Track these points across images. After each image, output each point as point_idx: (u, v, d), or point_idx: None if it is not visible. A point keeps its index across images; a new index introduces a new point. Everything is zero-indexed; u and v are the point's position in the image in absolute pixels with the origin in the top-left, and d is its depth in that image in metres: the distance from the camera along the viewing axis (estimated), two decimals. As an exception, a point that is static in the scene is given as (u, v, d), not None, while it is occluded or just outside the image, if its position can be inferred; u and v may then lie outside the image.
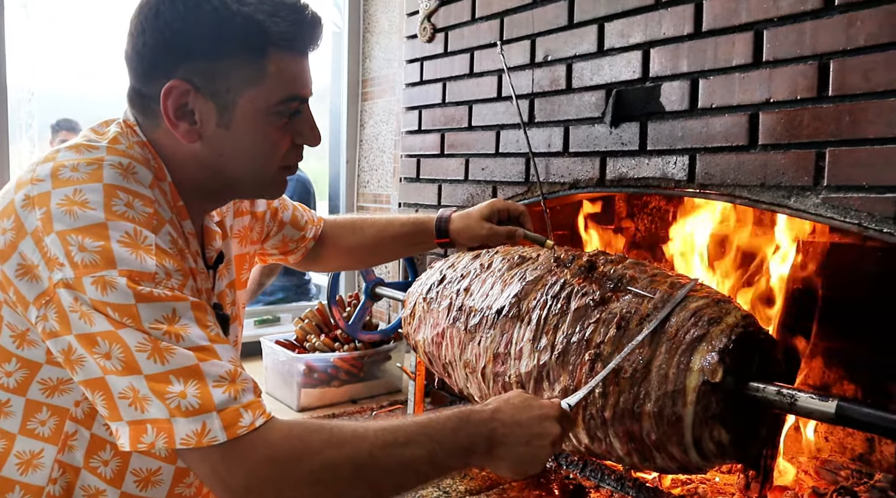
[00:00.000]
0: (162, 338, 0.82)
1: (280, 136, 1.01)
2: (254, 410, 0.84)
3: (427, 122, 2.12)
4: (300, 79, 1.00)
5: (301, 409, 2.31)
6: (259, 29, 0.94)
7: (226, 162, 1.00)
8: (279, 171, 1.05)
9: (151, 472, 0.99)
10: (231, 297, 1.19)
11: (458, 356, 1.59)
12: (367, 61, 3.32)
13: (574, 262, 1.40)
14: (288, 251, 1.46)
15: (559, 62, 1.67)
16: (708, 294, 1.30)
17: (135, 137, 0.98)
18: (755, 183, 1.27)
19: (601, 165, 1.57)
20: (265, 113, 0.98)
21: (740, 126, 1.30)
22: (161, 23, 0.92)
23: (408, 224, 1.49)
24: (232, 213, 1.26)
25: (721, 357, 1.17)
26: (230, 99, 0.95)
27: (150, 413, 0.81)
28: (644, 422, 1.23)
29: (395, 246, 1.51)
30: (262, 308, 3.26)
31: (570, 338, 1.34)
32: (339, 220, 1.54)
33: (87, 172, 0.88)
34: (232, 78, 0.95)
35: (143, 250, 0.85)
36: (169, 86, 0.93)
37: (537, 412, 1.01)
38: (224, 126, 0.97)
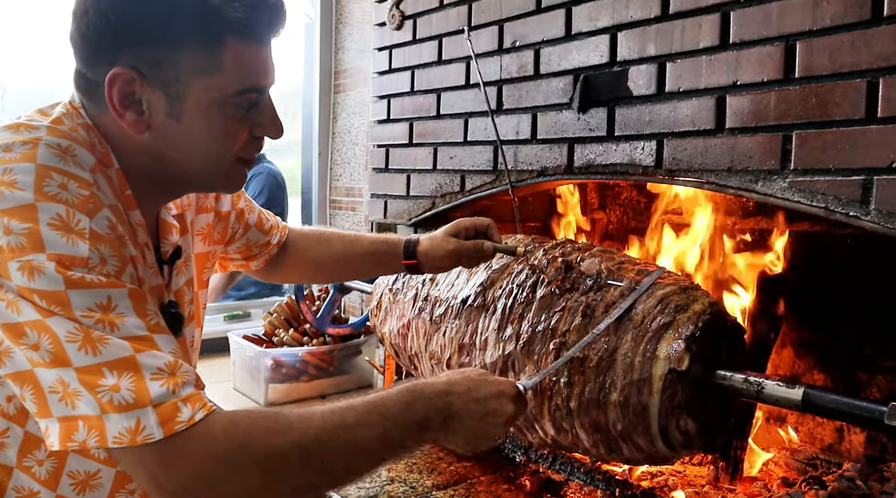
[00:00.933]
0: (94, 327, 0.77)
1: (237, 128, 0.95)
2: (193, 404, 0.79)
3: (396, 111, 2.07)
4: (259, 68, 0.94)
5: (269, 404, 2.26)
6: (214, 15, 0.87)
7: (177, 154, 0.94)
8: (235, 163, 0.99)
9: (89, 474, 0.93)
10: (189, 295, 1.13)
11: (424, 348, 1.55)
12: (340, 53, 3.27)
13: (550, 265, 1.36)
14: (251, 256, 1.39)
15: (527, 48, 1.64)
16: (675, 281, 1.27)
17: (80, 119, 0.92)
18: (722, 168, 1.25)
19: (569, 152, 1.54)
20: (220, 104, 0.91)
21: (707, 110, 1.27)
22: (105, 4, 0.86)
23: (376, 242, 1.41)
24: (194, 208, 1.19)
25: (687, 345, 1.15)
26: (181, 89, 0.89)
27: (80, 409, 0.76)
28: (610, 412, 1.20)
29: (361, 263, 1.42)
30: (233, 303, 3.19)
31: (535, 327, 1.31)
32: (306, 231, 1.47)
33: (21, 152, 0.83)
34: (183, 67, 0.88)
35: (75, 234, 0.80)
36: (114, 73, 0.86)
37: (494, 389, 0.98)
38: (174, 117, 0.91)
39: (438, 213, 1.92)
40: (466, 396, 0.95)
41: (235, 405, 2.30)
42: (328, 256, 1.43)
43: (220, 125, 0.93)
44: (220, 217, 1.27)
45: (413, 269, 1.37)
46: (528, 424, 1.35)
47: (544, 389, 1.27)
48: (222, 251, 1.34)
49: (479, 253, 1.32)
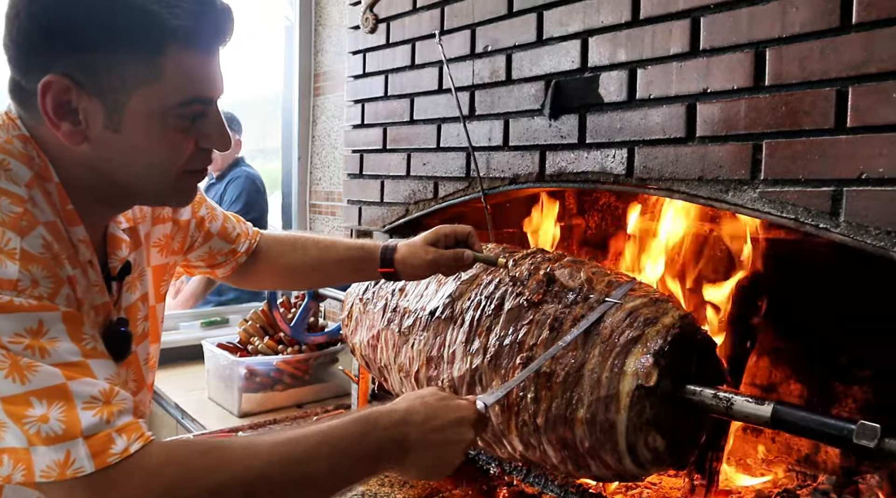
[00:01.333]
0: (23, 353, 0.73)
1: (181, 140, 0.91)
2: (129, 434, 0.75)
3: (370, 115, 2.04)
4: (204, 78, 0.90)
5: (242, 414, 2.22)
6: (154, 21, 0.83)
7: (118, 167, 0.90)
8: (183, 176, 0.95)
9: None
10: (144, 311, 1.09)
11: (393, 360, 1.52)
12: (319, 55, 3.23)
13: (531, 278, 1.32)
14: (215, 264, 1.35)
15: (499, 52, 1.61)
16: (646, 293, 1.24)
17: (16, 131, 0.88)
18: (693, 177, 1.22)
19: (541, 160, 1.51)
20: (161, 115, 0.88)
21: (678, 118, 1.24)
22: (37, 8, 0.82)
23: (353, 248, 1.37)
24: (150, 219, 1.15)
25: (656, 360, 1.12)
26: (119, 98, 0.85)
27: (6, 441, 0.72)
28: (577, 429, 1.17)
29: (336, 270, 1.38)
30: (211, 309, 3.15)
31: (502, 340, 1.27)
32: (280, 236, 1.43)
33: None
34: (121, 75, 0.84)
35: (4, 255, 0.76)
36: (47, 81, 0.82)
37: (453, 415, 0.93)
38: (113, 128, 0.87)
39: (412, 220, 1.89)
40: (424, 425, 0.91)
41: (211, 415, 2.26)
42: (303, 263, 1.39)
43: (163, 137, 0.89)
44: (179, 226, 1.23)
45: (390, 276, 1.33)
46: (496, 438, 1.32)
47: (511, 404, 1.24)
48: (182, 260, 1.30)
49: (458, 262, 1.28)
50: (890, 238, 0.97)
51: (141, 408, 1.07)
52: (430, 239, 1.30)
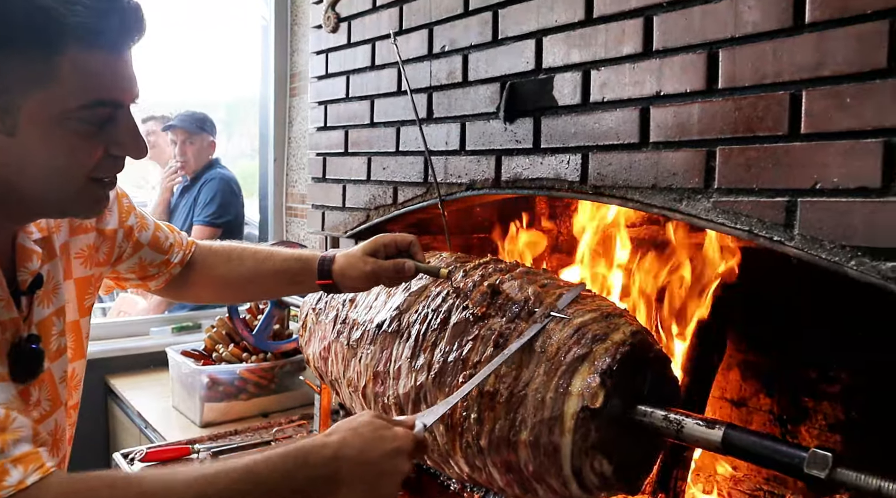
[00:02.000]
0: None
1: (86, 146, 0.86)
2: (25, 465, 0.71)
3: (332, 117, 1.97)
4: (109, 80, 0.85)
5: (204, 424, 2.15)
6: (49, 19, 0.78)
7: (13, 174, 0.85)
8: (89, 184, 0.89)
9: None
10: (59, 326, 1.03)
11: (342, 373, 1.45)
12: (295, 55, 3.16)
13: (475, 289, 1.25)
14: (147, 276, 1.29)
15: (456, 53, 1.54)
16: (598, 307, 1.18)
17: None
18: (647, 185, 1.16)
19: (497, 165, 1.44)
20: (60, 119, 0.83)
21: (631, 122, 1.18)
22: None
23: (289, 259, 1.30)
24: (66, 229, 1.08)
25: (603, 379, 1.05)
26: (13, 100, 0.80)
27: None
28: (521, 452, 1.10)
29: (273, 283, 1.32)
30: (183, 314, 3.08)
31: (447, 356, 1.21)
32: (216, 247, 1.37)
33: None
34: (13, 76, 0.79)
35: None
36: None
37: (389, 446, 0.87)
38: (6, 132, 0.82)
39: (373, 226, 1.82)
40: (357, 459, 0.85)
41: (174, 424, 2.20)
42: (238, 274, 1.33)
43: (63, 142, 0.84)
44: (105, 236, 1.17)
45: (329, 288, 1.27)
46: (443, 458, 1.25)
47: (455, 424, 1.18)
48: (110, 271, 1.23)
49: (399, 274, 1.21)
50: (844, 252, 0.90)
51: (56, 430, 1.03)
52: (370, 249, 1.24)
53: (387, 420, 0.91)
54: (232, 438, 2.00)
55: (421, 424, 0.95)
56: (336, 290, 1.27)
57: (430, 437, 1.23)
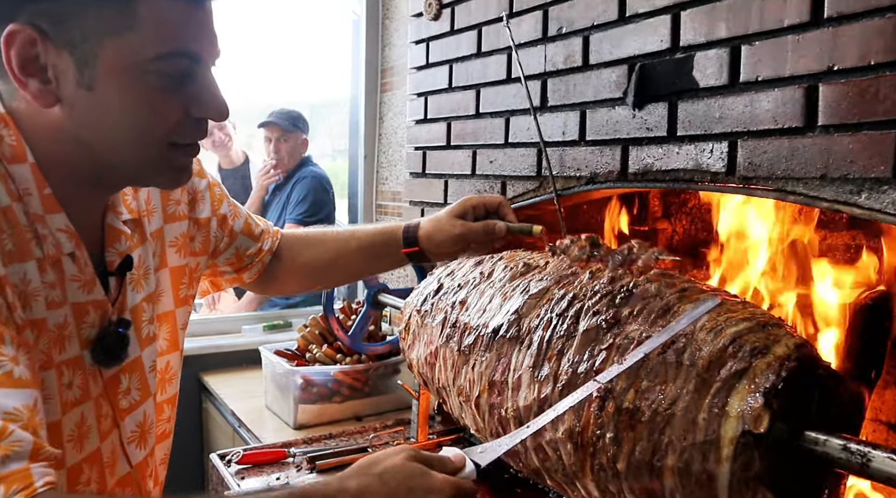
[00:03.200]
0: None
1: (164, 102, 0.81)
2: (9, 485, 0.64)
3: (433, 109, 1.88)
4: (188, 30, 0.80)
5: (298, 426, 2.11)
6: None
7: (93, 133, 0.81)
8: (170, 149, 0.85)
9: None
10: (150, 313, 1.00)
11: (452, 381, 1.35)
12: (387, 49, 3.10)
13: (573, 245, 1.13)
14: (243, 267, 1.25)
15: (575, 34, 1.41)
16: (752, 315, 1.03)
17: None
18: (813, 175, 1.00)
19: (623, 156, 1.31)
20: (138, 70, 0.78)
21: (794, 103, 1.02)
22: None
23: (373, 234, 1.26)
24: (160, 216, 1.05)
25: (767, 400, 0.90)
26: (89, 49, 0.76)
27: None
28: (666, 479, 0.97)
29: (358, 261, 1.28)
30: (275, 312, 3.08)
31: (576, 367, 1.09)
32: (299, 234, 1.33)
33: None
34: (90, 22, 0.75)
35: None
36: (10, 31, 0.74)
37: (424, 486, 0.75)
38: (85, 86, 0.78)
39: (477, 223, 1.71)
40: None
41: (268, 425, 2.16)
42: (321, 259, 1.29)
43: (141, 96, 0.79)
44: (199, 225, 1.12)
45: (416, 256, 1.23)
46: (568, 480, 1.13)
47: (586, 443, 1.05)
48: (208, 264, 1.19)
49: (489, 235, 1.18)
50: None
51: (144, 422, 1.00)
52: (457, 211, 1.20)
53: (425, 461, 0.79)
54: (327, 442, 1.94)
55: (472, 466, 0.81)
56: (423, 257, 1.23)
57: (555, 456, 1.11)
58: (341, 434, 2.01)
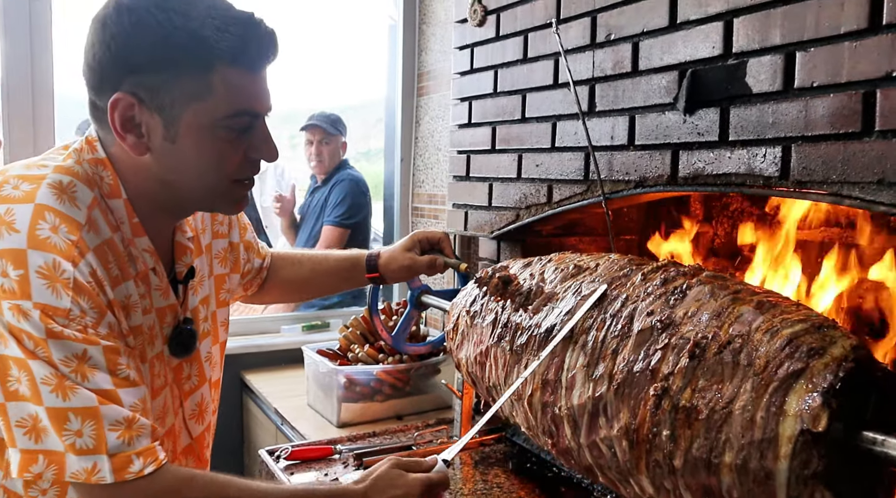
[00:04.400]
0: (69, 375, 0.86)
1: (230, 150, 1.01)
2: (145, 458, 0.90)
3: (477, 114, 1.92)
4: (250, 94, 1.00)
5: (341, 424, 2.15)
6: (203, 44, 0.94)
7: (175, 176, 1.01)
8: (231, 185, 1.05)
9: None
10: (205, 312, 1.20)
11: (504, 380, 1.38)
12: (423, 54, 3.14)
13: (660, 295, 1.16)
14: (249, 284, 1.46)
15: (624, 41, 1.44)
16: (806, 317, 1.05)
17: (92, 154, 1.00)
18: (870, 179, 1.02)
19: (673, 160, 1.33)
20: (211, 127, 0.98)
21: (850, 108, 1.04)
22: (107, 36, 0.93)
23: (341, 259, 1.51)
24: (210, 233, 1.27)
25: (825, 399, 0.92)
26: (175, 113, 0.96)
27: (45, 444, 0.86)
28: (723, 476, 0.99)
29: (329, 280, 1.52)
30: (313, 313, 3.13)
31: (631, 366, 1.11)
32: (282, 253, 1.55)
33: (24, 192, 0.91)
34: (176, 92, 0.95)
35: (60, 284, 0.87)
36: (115, 98, 0.94)
37: (400, 492, 1.05)
38: (170, 140, 0.98)
39: (523, 226, 1.75)
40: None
41: (310, 423, 2.21)
42: (298, 276, 1.51)
43: (212, 146, 0.99)
44: (232, 246, 1.35)
45: (376, 281, 1.48)
46: (622, 477, 1.16)
47: (642, 439, 1.08)
48: (240, 282, 1.39)
49: (431, 268, 1.43)
50: None
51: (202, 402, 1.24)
52: (407, 245, 1.46)
53: (404, 466, 1.10)
54: (371, 440, 1.98)
55: (440, 461, 1.11)
56: (382, 281, 1.49)
57: (609, 453, 1.14)
58: (384, 432, 2.05)
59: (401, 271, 1.45)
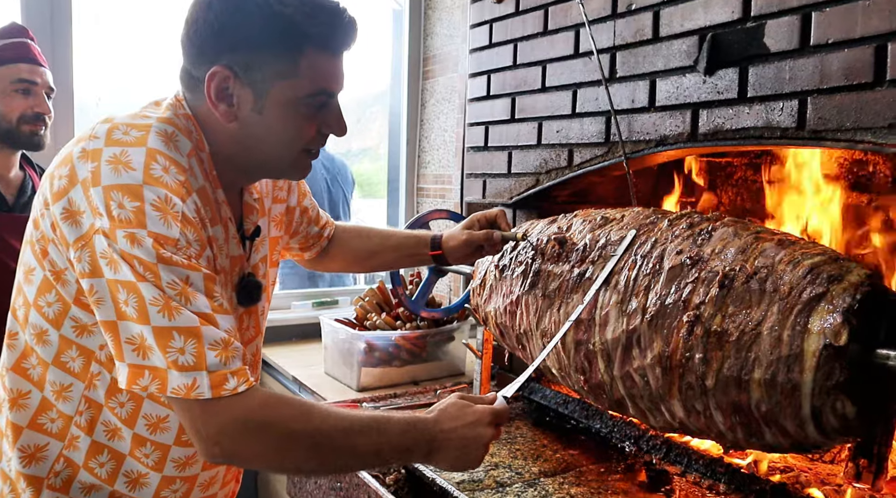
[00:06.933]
0: (174, 297, 0.92)
1: (307, 125, 1.09)
2: (239, 377, 0.95)
3: (496, 86, 2.01)
4: (331, 76, 1.09)
5: (361, 388, 2.23)
6: (297, 29, 1.02)
7: (256, 142, 1.09)
8: (302, 154, 1.13)
9: (160, 418, 1.08)
10: (263, 270, 1.26)
11: (535, 325, 1.47)
12: (429, 39, 3.23)
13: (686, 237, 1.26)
14: (307, 247, 1.54)
15: (645, 10, 1.54)
16: (824, 251, 1.15)
17: (182, 110, 1.08)
18: (882, 124, 1.12)
19: (693, 118, 1.43)
20: (295, 103, 1.06)
21: (863, 61, 1.15)
22: (211, 15, 1.02)
23: (408, 236, 1.60)
24: (271, 197, 1.33)
25: (846, 317, 1.03)
26: (265, 88, 1.05)
27: (150, 361, 0.92)
28: (753, 391, 1.09)
29: (394, 255, 1.60)
30: (322, 290, 3.20)
31: (664, 299, 1.21)
32: (349, 226, 1.64)
33: (136, 137, 0.99)
34: (268, 70, 1.04)
35: (171, 216, 0.95)
36: (213, 71, 1.03)
37: (469, 419, 1.09)
38: (257, 111, 1.06)
39: (542, 190, 1.84)
40: (448, 431, 1.08)
41: (329, 388, 2.28)
42: (366, 249, 1.60)
43: (293, 120, 1.08)
44: (289, 210, 1.43)
45: (438, 258, 1.54)
46: (653, 405, 1.25)
47: (675, 365, 1.18)
48: (287, 241, 1.47)
49: (488, 240, 1.48)
50: None
51: (256, 353, 1.31)
52: (467, 224, 1.52)
53: (470, 399, 1.14)
54: (393, 401, 2.06)
55: (501, 397, 1.16)
56: (444, 260, 1.54)
57: (642, 382, 1.23)
58: (404, 394, 2.13)
59: (460, 247, 1.50)
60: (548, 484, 1.50)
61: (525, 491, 1.46)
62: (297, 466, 1.09)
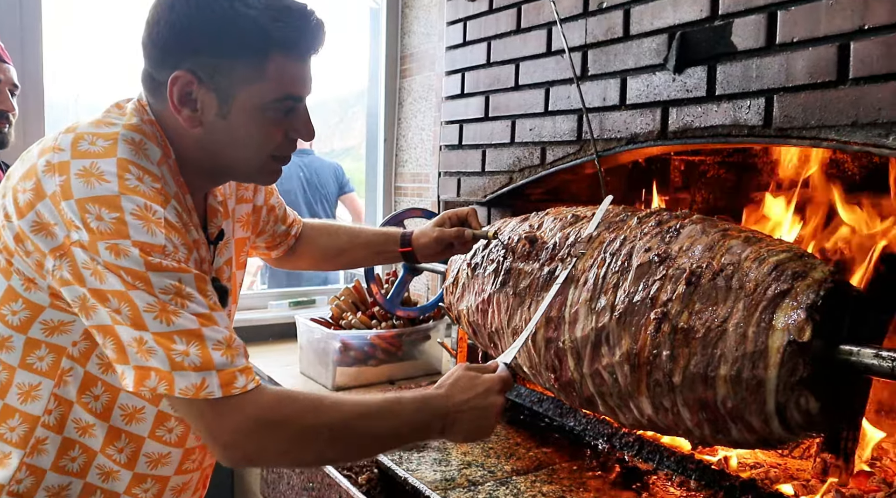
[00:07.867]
0: (170, 302, 0.91)
1: (274, 130, 1.08)
2: (247, 375, 0.94)
3: (470, 85, 2.00)
4: (298, 80, 1.07)
5: (336, 388, 2.21)
6: (262, 32, 1.00)
7: (221, 148, 1.07)
8: (270, 160, 1.11)
9: (136, 409, 1.07)
10: (228, 273, 1.25)
11: (506, 323, 1.47)
12: (406, 37, 3.22)
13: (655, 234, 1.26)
14: (274, 246, 1.53)
15: (616, 8, 1.54)
16: (789, 248, 1.16)
17: (146, 116, 1.06)
18: (845, 122, 1.13)
19: (663, 116, 1.44)
20: (261, 109, 1.04)
21: (826, 60, 1.15)
22: (174, 17, 0.99)
23: (377, 233, 1.59)
24: (235, 197, 1.31)
25: (809, 314, 1.03)
26: (230, 93, 1.02)
27: (151, 363, 0.90)
28: (718, 387, 1.09)
29: (364, 252, 1.59)
30: (299, 289, 3.18)
31: (632, 297, 1.21)
32: (316, 224, 1.62)
33: (103, 147, 0.96)
34: (233, 74, 1.01)
35: (153, 223, 0.93)
36: (176, 75, 1.00)
37: (481, 388, 1.11)
38: (222, 116, 1.04)
39: (516, 189, 1.84)
40: (460, 403, 1.09)
41: (305, 389, 2.26)
42: (335, 246, 1.59)
43: (259, 125, 1.06)
44: (255, 209, 1.40)
45: (408, 256, 1.53)
46: (622, 402, 1.25)
47: (642, 362, 1.18)
48: (254, 241, 1.45)
49: (459, 238, 1.48)
50: None
51: None
52: (438, 222, 1.52)
53: (476, 369, 1.15)
54: (367, 400, 2.05)
55: (502, 364, 1.17)
56: (413, 257, 1.53)
57: (611, 379, 1.24)
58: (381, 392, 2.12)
59: (430, 244, 1.49)
60: (520, 482, 1.50)
61: (497, 489, 1.46)
62: (319, 458, 1.12)
